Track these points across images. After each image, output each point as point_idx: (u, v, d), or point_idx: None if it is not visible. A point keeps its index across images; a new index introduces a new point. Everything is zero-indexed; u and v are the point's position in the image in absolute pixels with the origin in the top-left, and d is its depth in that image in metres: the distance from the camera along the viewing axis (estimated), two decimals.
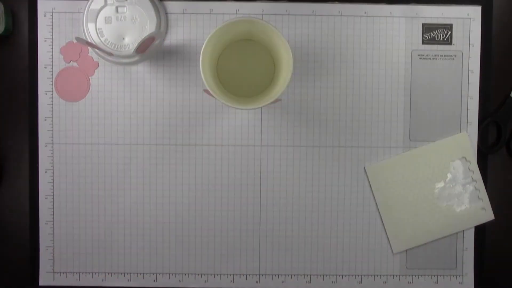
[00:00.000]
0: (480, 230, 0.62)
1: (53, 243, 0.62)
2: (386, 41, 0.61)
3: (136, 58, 0.59)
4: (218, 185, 0.61)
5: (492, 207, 0.61)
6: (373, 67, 0.61)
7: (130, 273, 0.62)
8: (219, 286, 0.62)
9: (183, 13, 0.60)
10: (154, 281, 0.62)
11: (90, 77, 0.61)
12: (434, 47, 0.61)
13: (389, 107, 0.61)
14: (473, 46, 0.61)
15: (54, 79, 0.61)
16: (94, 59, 0.61)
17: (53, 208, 0.61)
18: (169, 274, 0.61)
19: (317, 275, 0.62)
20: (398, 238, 0.61)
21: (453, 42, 0.61)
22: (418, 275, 0.62)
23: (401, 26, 0.61)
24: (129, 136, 0.61)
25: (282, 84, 0.51)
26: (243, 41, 0.59)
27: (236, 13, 0.60)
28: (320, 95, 0.61)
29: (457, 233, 0.62)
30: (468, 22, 0.61)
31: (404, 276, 0.62)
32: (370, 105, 0.61)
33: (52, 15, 0.60)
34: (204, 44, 0.50)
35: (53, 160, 0.61)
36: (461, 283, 0.62)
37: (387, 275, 0.62)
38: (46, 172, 0.61)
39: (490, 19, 0.61)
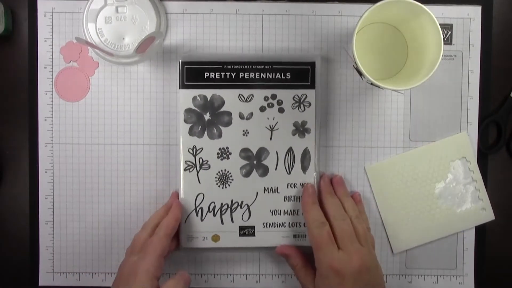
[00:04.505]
0: (480, 230, 0.62)
1: (53, 243, 0.62)
2: None
3: (136, 58, 0.59)
4: None
5: (492, 207, 0.61)
6: None
7: None
8: (219, 286, 0.62)
9: (183, 13, 0.60)
10: None
11: (90, 77, 0.61)
12: None
13: (389, 107, 0.61)
14: (473, 46, 0.61)
15: (54, 79, 0.61)
16: (94, 59, 0.61)
17: (53, 208, 0.61)
18: (169, 274, 0.61)
19: None
20: (398, 238, 0.61)
21: (453, 42, 0.61)
22: (418, 275, 0.62)
23: None
24: (129, 136, 0.61)
25: (431, 64, 0.52)
26: (373, 24, 0.59)
27: (236, 13, 0.60)
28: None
29: (457, 233, 0.62)
30: (468, 22, 0.61)
31: (404, 276, 0.62)
32: (370, 105, 0.61)
33: (52, 15, 0.60)
34: (356, 27, 0.51)
35: (53, 160, 0.61)
36: (461, 283, 0.62)
37: (387, 275, 0.62)
38: (46, 172, 0.61)
39: (490, 19, 0.61)
